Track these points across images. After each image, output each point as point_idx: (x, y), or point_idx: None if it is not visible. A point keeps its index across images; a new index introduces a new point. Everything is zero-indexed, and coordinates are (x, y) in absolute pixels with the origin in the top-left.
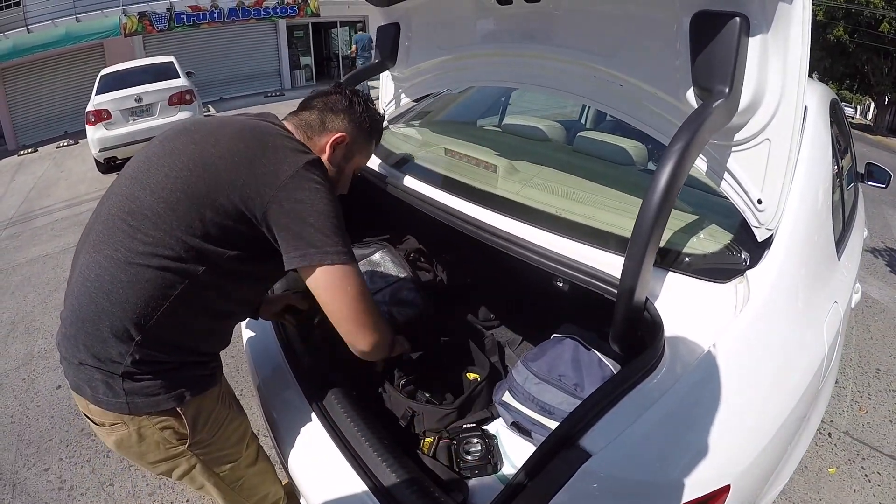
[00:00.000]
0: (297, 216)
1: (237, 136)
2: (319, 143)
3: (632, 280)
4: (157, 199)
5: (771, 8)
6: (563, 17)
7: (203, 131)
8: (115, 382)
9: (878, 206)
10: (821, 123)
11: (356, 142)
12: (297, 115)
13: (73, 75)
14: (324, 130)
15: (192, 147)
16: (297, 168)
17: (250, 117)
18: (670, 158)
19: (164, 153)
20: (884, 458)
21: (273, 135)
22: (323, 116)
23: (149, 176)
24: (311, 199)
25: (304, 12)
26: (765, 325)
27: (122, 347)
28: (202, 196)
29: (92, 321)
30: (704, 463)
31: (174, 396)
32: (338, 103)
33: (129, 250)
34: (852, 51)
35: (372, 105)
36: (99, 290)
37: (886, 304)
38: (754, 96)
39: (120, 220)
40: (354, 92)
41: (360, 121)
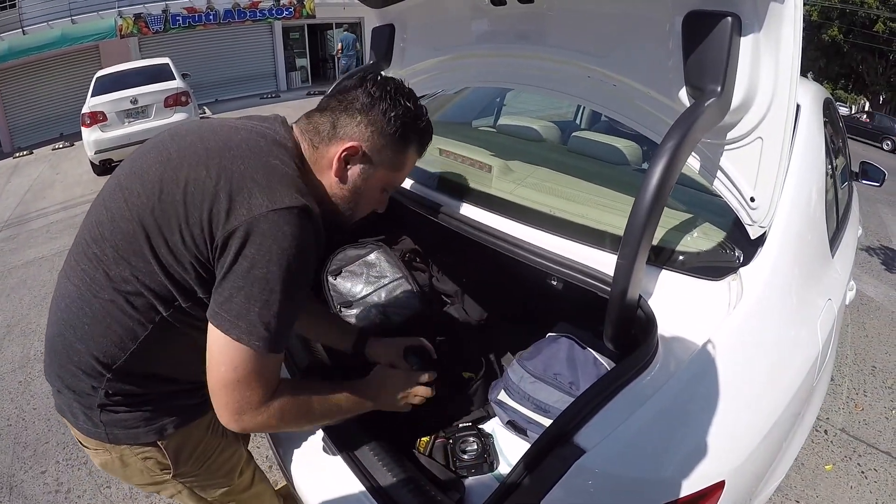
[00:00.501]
0: (232, 272)
1: (203, 160)
2: (326, 154)
3: (625, 278)
4: (115, 227)
5: (763, 7)
6: (556, 17)
7: (175, 147)
8: (93, 413)
9: (874, 205)
10: (814, 122)
11: (378, 153)
12: (310, 117)
13: (68, 77)
14: (333, 138)
15: (156, 168)
16: (254, 215)
17: (245, 126)
18: (662, 157)
19: (131, 172)
20: (880, 454)
21: (250, 158)
22: (335, 119)
23: (113, 199)
24: (258, 260)
25: (299, 14)
26: (758, 322)
27: (92, 382)
28: (155, 232)
29: (62, 353)
30: (699, 459)
31: (154, 430)
32: (355, 101)
33: (94, 282)
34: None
35: (406, 101)
36: (66, 324)
37: (882, 301)
38: (746, 95)
39: (87, 247)
40: (383, 84)
41: (384, 124)
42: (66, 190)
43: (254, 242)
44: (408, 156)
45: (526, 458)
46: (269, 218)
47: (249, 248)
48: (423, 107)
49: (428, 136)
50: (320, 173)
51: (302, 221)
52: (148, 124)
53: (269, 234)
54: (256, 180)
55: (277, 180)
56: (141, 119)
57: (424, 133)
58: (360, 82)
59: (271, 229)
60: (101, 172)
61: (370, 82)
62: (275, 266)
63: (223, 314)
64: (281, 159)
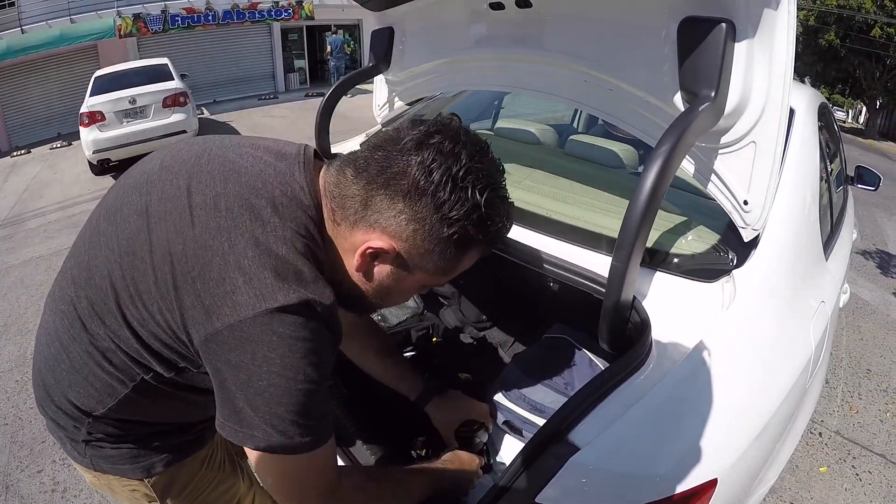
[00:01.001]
0: (229, 385)
1: (182, 231)
2: (349, 237)
3: (619, 279)
4: (90, 278)
5: (756, 14)
6: (553, 22)
7: (159, 193)
8: (78, 446)
9: (870, 209)
10: (808, 127)
11: (421, 257)
12: (341, 168)
13: (66, 77)
14: (361, 221)
15: (133, 220)
16: (242, 316)
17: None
18: (656, 160)
19: (111, 214)
20: (874, 456)
21: (241, 231)
22: (369, 193)
23: (92, 243)
24: (255, 371)
25: (298, 15)
26: (751, 323)
27: (75, 422)
28: (127, 297)
29: (42, 390)
30: (692, 457)
31: (141, 468)
32: (402, 177)
33: (72, 328)
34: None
35: (479, 191)
36: (46, 363)
37: (877, 305)
38: (740, 100)
39: (67, 286)
40: (450, 155)
41: (437, 224)
42: (63, 189)
43: (245, 351)
44: (463, 262)
45: (521, 456)
46: (259, 321)
47: (241, 356)
48: (504, 196)
49: (501, 235)
50: (342, 250)
51: (303, 319)
52: (146, 124)
53: (261, 342)
54: (242, 268)
55: (271, 268)
56: (139, 119)
57: (497, 235)
58: (420, 143)
59: (262, 335)
60: (99, 172)
61: (431, 149)
62: (276, 377)
63: (233, 426)
64: (284, 228)
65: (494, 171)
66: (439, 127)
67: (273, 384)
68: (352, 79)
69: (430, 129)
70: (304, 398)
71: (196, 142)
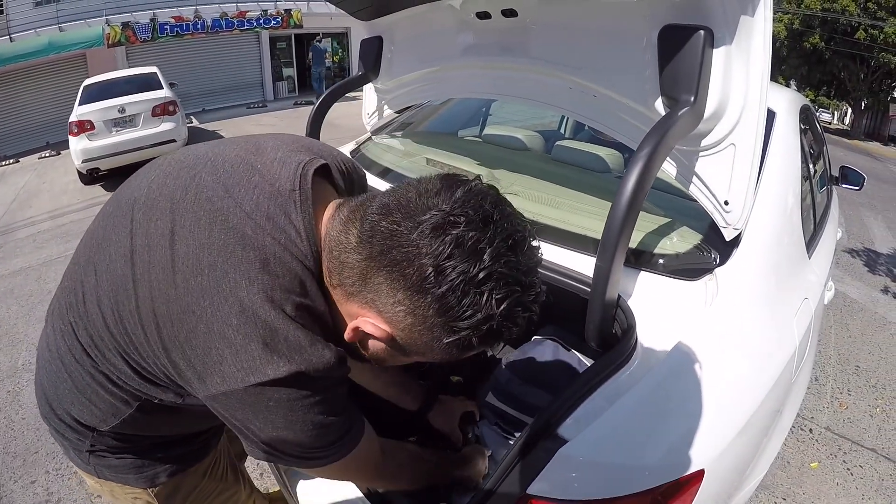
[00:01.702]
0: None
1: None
2: (344, 305)
3: (603, 279)
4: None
5: (734, 21)
6: (539, 30)
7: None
8: (83, 455)
9: (856, 209)
10: (789, 129)
11: (419, 347)
12: (348, 227)
13: (55, 85)
14: (359, 294)
15: (120, 264)
16: (232, 388)
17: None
18: (637, 164)
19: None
20: (865, 451)
21: (223, 293)
22: (370, 268)
23: (85, 272)
24: (261, 427)
25: (287, 23)
26: (733, 319)
27: (78, 435)
28: (122, 338)
29: (45, 403)
30: (679, 448)
31: (145, 478)
32: (411, 262)
33: (73, 350)
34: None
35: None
36: (48, 377)
37: (864, 303)
38: (719, 104)
39: (69, 308)
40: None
41: (440, 328)
42: (53, 199)
43: (246, 411)
44: (465, 356)
45: (512, 452)
46: (251, 392)
47: (245, 414)
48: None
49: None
50: (339, 307)
51: (295, 389)
52: (136, 133)
53: (259, 406)
54: (227, 338)
55: (258, 338)
56: (129, 128)
57: (505, 335)
58: (435, 228)
59: (258, 402)
60: (89, 181)
61: (450, 241)
62: (284, 430)
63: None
64: (276, 287)
65: (525, 270)
66: (466, 209)
67: (282, 437)
68: (342, 87)
69: (455, 208)
70: (322, 432)
71: (186, 164)
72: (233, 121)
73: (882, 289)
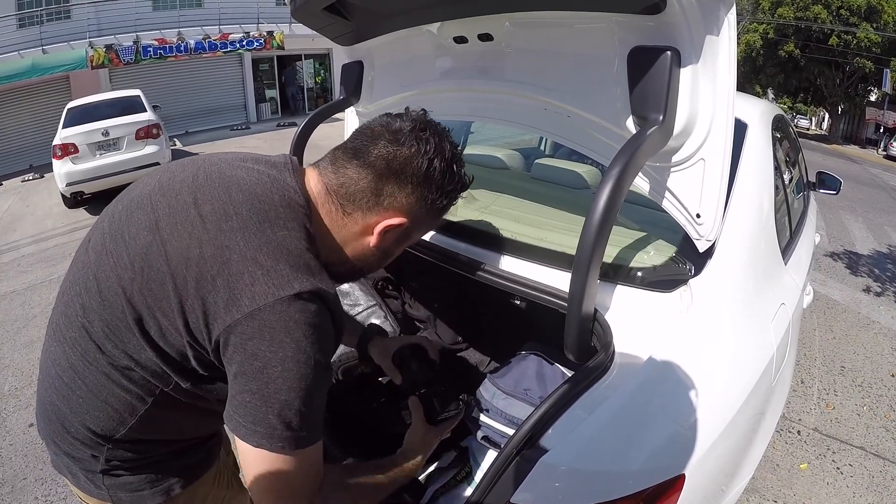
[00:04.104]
0: (244, 373)
1: (197, 235)
2: (364, 221)
3: (579, 293)
4: (104, 301)
5: (699, 41)
6: (514, 54)
7: (167, 208)
8: (95, 477)
9: (836, 212)
10: (762, 140)
11: (418, 226)
12: (338, 169)
13: (38, 108)
14: (375, 206)
15: (143, 236)
16: (261, 304)
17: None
18: (608, 182)
19: (119, 235)
20: (854, 449)
21: (253, 229)
22: (379, 185)
23: (101, 266)
24: (269, 358)
25: (269, 45)
26: (709, 327)
27: (92, 451)
28: (146, 311)
29: (55, 423)
30: (657, 454)
31: (160, 491)
32: (409, 167)
33: (86, 353)
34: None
35: (461, 169)
36: (58, 393)
37: (847, 304)
38: (688, 121)
39: (75, 314)
40: (439, 147)
41: (435, 199)
42: (36, 223)
43: (262, 338)
44: (440, 220)
45: (495, 464)
46: (277, 308)
47: (258, 344)
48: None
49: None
50: (346, 238)
51: (314, 306)
52: (119, 157)
53: (278, 327)
54: (259, 262)
55: (285, 260)
56: (112, 151)
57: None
58: (420, 128)
59: (280, 320)
60: (73, 205)
61: (426, 146)
62: (290, 362)
63: (239, 419)
64: (289, 227)
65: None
66: (424, 123)
67: (286, 369)
68: (324, 111)
69: (418, 124)
70: (311, 384)
71: (186, 162)
72: (216, 143)
73: (864, 289)
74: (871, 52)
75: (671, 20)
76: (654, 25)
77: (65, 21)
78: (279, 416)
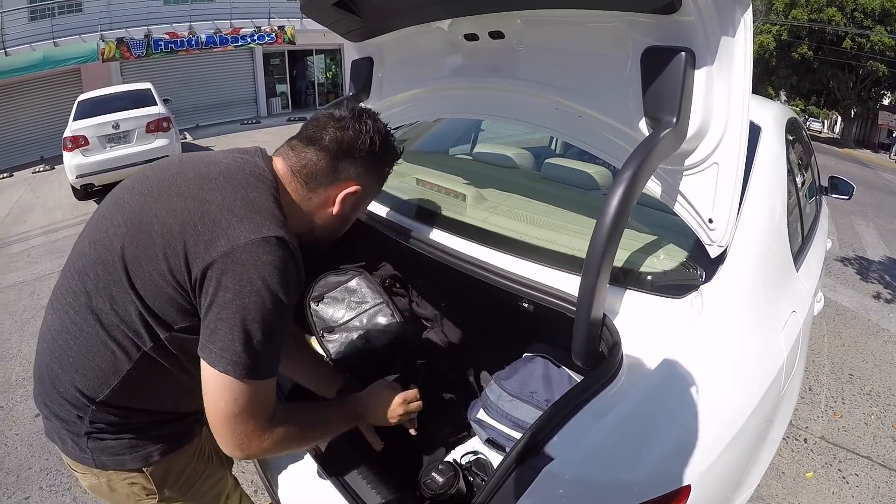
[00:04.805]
0: (217, 304)
1: (182, 192)
2: (326, 194)
3: (588, 298)
4: (96, 259)
5: (714, 42)
6: (525, 52)
7: (155, 179)
8: (80, 440)
9: (847, 217)
10: (775, 143)
11: (368, 190)
12: (299, 152)
13: (50, 100)
14: (334, 181)
15: (136, 200)
16: (235, 244)
17: (225, 159)
18: (620, 185)
19: (113, 202)
20: (860, 459)
21: (228, 190)
22: (335, 163)
23: (94, 231)
24: (240, 290)
25: (281, 40)
26: (719, 335)
27: (77, 412)
28: (133, 263)
29: (48, 384)
30: (663, 464)
31: (140, 457)
32: (356, 145)
33: (78, 315)
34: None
35: (393, 141)
36: (52, 355)
37: (857, 311)
38: (701, 124)
39: (72, 280)
40: (376, 127)
41: (379, 168)
42: (46, 214)
43: (234, 273)
44: (383, 182)
45: (499, 471)
46: (248, 248)
47: (230, 278)
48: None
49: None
50: (312, 209)
51: (280, 251)
52: (129, 149)
53: (248, 264)
54: (234, 211)
55: (255, 211)
56: (123, 144)
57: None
58: (357, 117)
59: (250, 259)
60: (83, 197)
61: (365, 127)
62: (256, 296)
63: (209, 346)
64: (259, 190)
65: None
66: (360, 110)
67: (253, 302)
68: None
69: (355, 111)
70: (273, 319)
71: (172, 156)
72: (226, 136)
73: (874, 295)
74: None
75: (686, 20)
76: (668, 25)
77: (76, 14)
78: (244, 344)
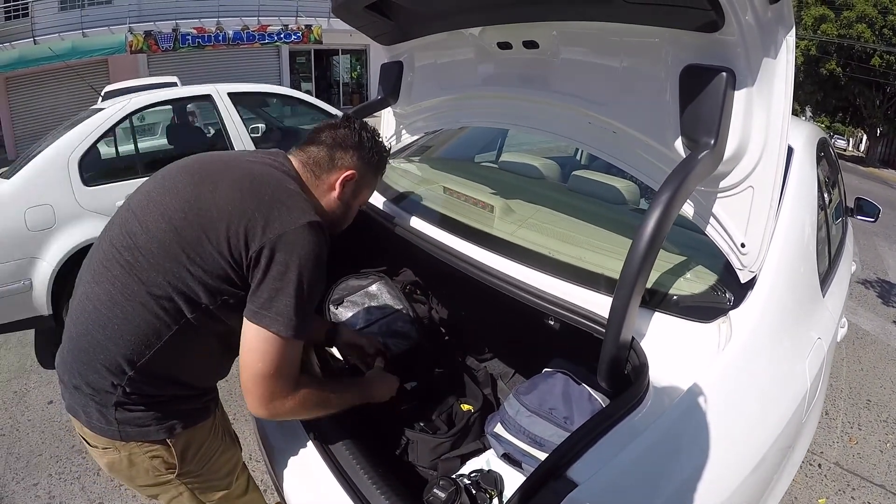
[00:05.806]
0: (271, 276)
1: (236, 185)
2: (328, 180)
3: (619, 321)
4: (150, 237)
5: (756, 63)
6: (559, 64)
7: (204, 173)
8: (108, 411)
9: (870, 238)
10: (807, 165)
11: (364, 177)
12: (305, 150)
13: (76, 89)
14: (333, 168)
15: (190, 189)
16: (288, 228)
17: (258, 159)
18: (657, 207)
19: (163, 190)
20: (874, 487)
21: (274, 185)
22: (332, 153)
23: (146, 213)
24: (290, 264)
25: (307, 39)
26: (747, 362)
27: (114, 379)
28: (193, 241)
29: (87, 352)
30: (687, 493)
31: (164, 428)
32: (347, 139)
33: (126, 287)
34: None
35: (380, 139)
36: (95, 324)
37: (877, 335)
38: (739, 146)
39: (118, 254)
40: (363, 126)
41: (369, 157)
42: None
43: (286, 251)
44: (378, 180)
45: (520, 492)
46: (297, 231)
47: (282, 255)
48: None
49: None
50: (320, 195)
51: (319, 233)
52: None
53: (297, 244)
54: (283, 202)
55: (298, 202)
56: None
57: (386, 162)
58: (346, 121)
59: (299, 240)
60: None
61: (354, 123)
62: (304, 269)
63: (264, 312)
64: (293, 185)
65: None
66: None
67: (300, 275)
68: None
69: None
70: (314, 287)
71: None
72: None
73: (895, 320)
74: None
75: (728, 39)
76: (709, 44)
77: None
78: (294, 308)
